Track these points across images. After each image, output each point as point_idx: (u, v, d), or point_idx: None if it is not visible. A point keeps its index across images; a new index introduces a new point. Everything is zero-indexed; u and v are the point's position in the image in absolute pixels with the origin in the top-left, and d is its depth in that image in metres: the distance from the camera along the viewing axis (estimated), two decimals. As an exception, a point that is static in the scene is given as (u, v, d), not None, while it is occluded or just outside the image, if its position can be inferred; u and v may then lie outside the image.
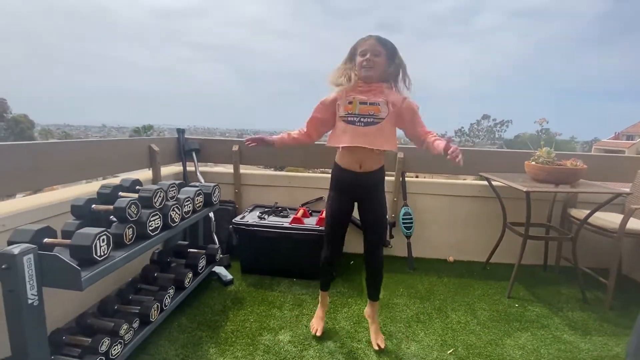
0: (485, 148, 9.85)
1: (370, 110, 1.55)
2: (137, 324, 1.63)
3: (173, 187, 1.86)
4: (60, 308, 1.70)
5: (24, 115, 36.71)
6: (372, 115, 1.55)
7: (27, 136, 34.61)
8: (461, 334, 1.93)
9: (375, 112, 1.54)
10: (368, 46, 1.54)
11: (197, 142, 2.91)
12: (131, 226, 1.51)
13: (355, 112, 1.56)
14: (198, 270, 2.18)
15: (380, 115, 1.54)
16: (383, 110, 1.54)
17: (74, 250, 1.29)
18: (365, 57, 1.54)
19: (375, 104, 1.55)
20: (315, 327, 1.87)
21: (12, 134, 33.57)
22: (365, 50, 1.55)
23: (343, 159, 1.65)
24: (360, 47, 1.56)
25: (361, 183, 1.65)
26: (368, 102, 1.55)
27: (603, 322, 2.08)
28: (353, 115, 1.56)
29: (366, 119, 1.55)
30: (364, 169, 1.62)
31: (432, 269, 2.74)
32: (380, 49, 1.54)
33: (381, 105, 1.54)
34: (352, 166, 1.62)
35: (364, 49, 1.55)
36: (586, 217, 2.25)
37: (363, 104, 1.55)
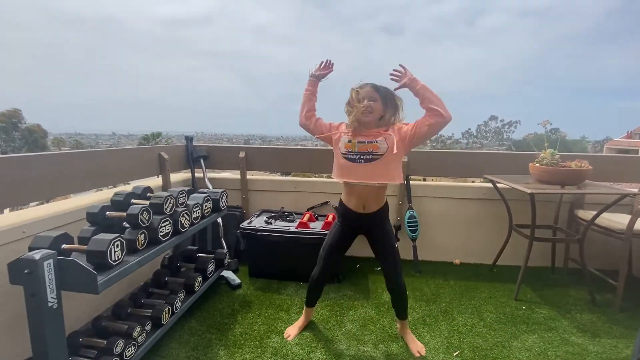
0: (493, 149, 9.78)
1: (368, 148, 1.61)
2: (149, 327, 1.68)
3: (182, 193, 1.92)
4: (77, 311, 1.77)
5: (37, 125, 37.66)
6: (370, 153, 1.61)
7: (40, 145, 35.48)
8: (467, 336, 1.94)
9: (374, 149, 1.60)
10: (364, 94, 1.63)
11: (205, 149, 2.99)
12: (143, 232, 1.57)
13: (354, 150, 1.63)
14: (207, 275, 2.23)
15: (379, 152, 1.60)
16: (382, 147, 1.60)
17: (90, 256, 1.35)
18: (363, 104, 1.62)
19: (373, 142, 1.61)
20: (289, 332, 1.92)
21: (27, 143, 34.45)
22: (362, 98, 1.63)
23: (347, 197, 1.74)
24: (358, 95, 1.65)
25: (365, 222, 1.74)
26: (366, 141, 1.62)
27: (612, 324, 2.07)
28: (353, 153, 1.63)
29: (365, 156, 1.61)
30: (368, 210, 1.70)
31: (438, 271, 2.75)
32: (375, 95, 1.63)
33: (379, 142, 1.60)
34: (357, 207, 1.71)
35: (360, 97, 1.64)
36: (593, 218, 2.24)
37: (361, 143, 1.63)
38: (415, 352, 1.79)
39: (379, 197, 1.71)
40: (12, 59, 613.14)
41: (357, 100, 1.64)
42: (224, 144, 3.54)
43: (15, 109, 35.99)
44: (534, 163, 2.35)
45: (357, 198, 1.70)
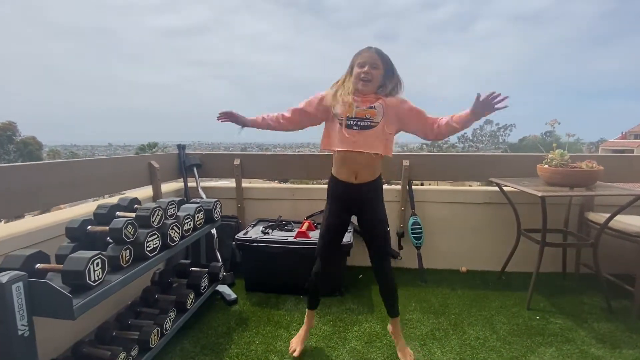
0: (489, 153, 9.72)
1: (366, 114, 1.52)
2: (136, 351, 1.54)
3: (172, 204, 1.80)
4: (56, 337, 1.62)
5: (33, 137, 37.41)
6: (368, 119, 1.52)
7: (35, 157, 35.16)
8: (480, 351, 1.81)
9: (372, 115, 1.52)
10: (367, 58, 1.53)
11: (198, 157, 2.87)
12: (128, 247, 1.44)
13: (352, 115, 1.53)
14: (200, 290, 2.09)
15: (376, 119, 1.53)
16: (379, 113, 1.53)
17: (66, 276, 1.22)
18: (363, 69, 1.52)
19: (372, 107, 1.53)
20: (294, 347, 1.77)
21: (22, 155, 34.16)
22: (363, 63, 1.53)
23: (339, 169, 1.63)
24: (358, 59, 1.55)
25: (358, 195, 1.61)
26: (364, 107, 1.53)
27: (632, 333, 1.94)
28: (350, 118, 1.53)
29: (363, 122, 1.52)
30: (360, 180, 1.59)
31: (444, 280, 2.62)
32: (379, 63, 1.53)
33: (377, 108, 1.53)
34: (349, 178, 1.59)
35: (362, 61, 1.54)
36: (607, 221, 2.13)
37: (359, 109, 1.53)
38: None
39: (373, 167, 1.59)
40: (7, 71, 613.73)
41: (358, 65, 1.53)
42: (218, 152, 3.43)
43: (10, 122, 35.72)
44: (542, 164, 2.25)
45: (349, 168, 1.58)
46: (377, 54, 1.53)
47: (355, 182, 1.59)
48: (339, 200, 1.65)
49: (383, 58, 1.54)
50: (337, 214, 1.66)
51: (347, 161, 1.58)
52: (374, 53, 1.53)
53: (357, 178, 1.58)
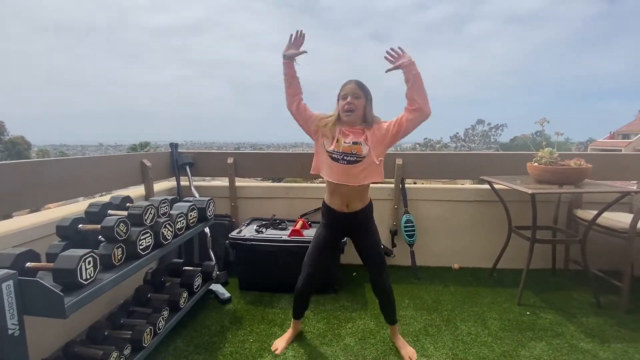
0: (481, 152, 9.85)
1: (353, 150, 1.59)
2: (128, 351, 1.52)
3: (165, 203, 1.79)
4: (48, 336, 1.60)
5: (21, 137, 36.72)
6: (354, 155, 1.59)
7: (24, 157, 34.50)
8: (472, 346, 1.83)
9: (358, 151, 1.59)
10: (348, 90, 1.61)
11: (191, 156, 2.85)
12: (120, 246, 1.43)
13: (339, 150, 1.60)
14: (194, 290, 2.08)
15: (362, 154, 1.58)
16: (364, 149, 1.59)
17: (57, 275, 1.20)
18: (346, 101, 1.60)
19: (358, 143, 1.59)
20: (277, 346, 1.82)
21: (9, 155, 33.48)
22: (345, 95, 1.62)
23: (331, 197, 1.70)
24: (342, 92, 1.64)
25: (351, 222, 1.70)
26: (351, 142, 1.60)
27: (620, 327, 1.99)
28: (337, 153, 1.60)
29: (349, 157, 1.59)
30: (351, 209, 1.67)
31: (437, 277, 2.65)
32: (359, 92, 1.61)
33: (362, 145, 1.59)
34: (341, 207, 1.67)
35: (344, 93, 1.62)
36: (595, 218, 2.17)
37: (346, 144, 1.60)
38: (406, 357, 1.73)
39: (362, 196, 1.68)
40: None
41: (342, 97, 1.62)
42: (211, 150, 3.41)
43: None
44: (532, 162, 2.29)
45: (340, 197, 1.66)
46: (357, 85, 1.61)
47: (347, 212, 1.67)
48: (332, 227, 1.74)
49: (363, 88, 1.62)
50: (329, 236, 1.75)
51: (336, 191, 1.66)
52: (354, 84, 1.62)
53: (349, 207, 1.66)
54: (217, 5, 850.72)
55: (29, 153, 36.91)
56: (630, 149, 28.40)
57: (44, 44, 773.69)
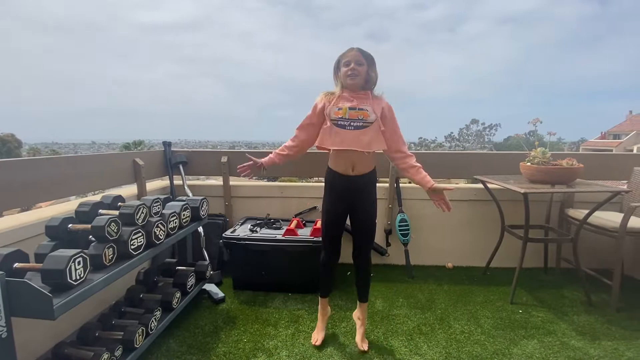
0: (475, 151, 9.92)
1: (359, 115, 1.62)
2: (119, 352, 1.50)
3: (157, 202, 1.77)
4: (38, 338, 1.58)
5: (11, 135, 36.14)
6: (361, 120, 1.62)
7: (14, 155, 33.96)
8: (466, 344, 1.84)
9: (364, 117, 1.62)
10: (351, 57, 1.63)
11: (185, 155, 2.82)
12: (111, 246, 1.41)
13: (345, 116, 1.62)
14: (187, 289, 2.06)
15: (369, 119, 1.62)
16: (371, 115, 1.62)
17: (46, 275, 1.18)
18: (349, 67, 1.63)
19: (364, 109, 1.63)
20: (316, 338, 1.85)
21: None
22: (348, 61, 1.63)
23: (336, 162, 1.70)
24: (344, 59, 1.65)
25: (354, 186, 1.69)
26: (357, 107, 1.62)
27: (611, 325, 2.01)
28: (343, 119, 1.62)
29: (356, 122, 1.62)
30: (357, 172, 1.67)
31: (431, 276, 2.66)
32: (362, 59, 1.64)
33: (369, 111, 1.62)
34: (346, 170, 1.67)
35: (347, 60, 1.64)
36: (586, 217, 2.20)
37: (352, 110, 1.62)
38: (360, 347, 1.78)
39: (368, 160, 1.68)
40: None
41: (344, 64, 1.64)
42: (205, 149, 3.37)
43: (-13, 119, 34.46)
44: (525, 162, 2.30)
45: (346, 161, 1.66)
46: (359, 52, 1.64)
47: (352, 174, 1.67)
48: (337, 192, 1.72)
49: (366, 55, 1.65)
50: (336, 204, 1.73)
51: (342, 156, 1.67)
52: (357, 51, 1.64)
53: (354, 170, 1.67)
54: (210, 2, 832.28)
55: (19, 151, 36.34)
56: (621, 149, 28.84)
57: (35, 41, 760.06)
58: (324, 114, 1.68)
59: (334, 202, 1.73)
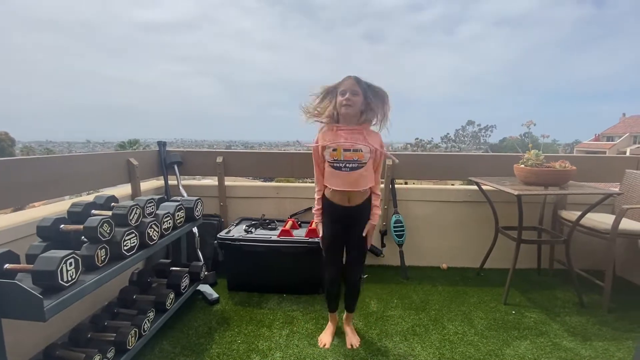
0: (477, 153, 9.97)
1: (354, 157, 1.63)
2: (112, 354, 1.49)
3: (151, 202, 1.76)
4: (28, 339, 1.56)
5: (5, 133, 35.73)
6: (356, 161, 1.63)
7: (7, 154, 33.57)
8: (459, 345, 1.85)
9: (359, 158, 1.63)
10: (347, 86, 1.63)
11: (179, 155, 2.81)
12: (104, 247, 1.40)
13: (340, 159, 1.64)
14: (181, 290, 2.05)
15: (364, 160, 1.64)
16: (366, 156, 1.64)
17: (37, 276, 1.17)
18: (345, 97, 1.61)
19: (358, 150, 1.63)
20: (324, 342, 1.86)
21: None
22: (344, 91, 1.62)
23: (332, 195, 1.73)
24: (340, 87, 1.64)
25: (350, 214, 1.73)
26: (352, 149, 1.63)
27: (602, 326, 2.04)
28: (339, 162, 1.64)
29: (351, 164, 1.63)
30: (352, 204, 1.71)
31: (426, 277, 2.67)
32: (357, 89, 1.62)
33: (364, 151, 1.63)
34: (342, 202, 1.71)
35: (343, 89, 1.63)
36: (578, 219, 2.22)
37: (347, 151, 1.63)
38: (349, 345, 1.83)
39: (363, 194, 1.73)
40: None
41: (340, 93, 1.63)
42: (200, 149, 3.36)
43: (-21, 117, 33.99)
44: (518, 164, 2.32)
45: (342, 196, 1.70)
46: (355, 81, 1.63)
47: (348, 205, 1.71)
48: (333, 218, 1.76)
49: (361, 85, 1.63)
50: (334, 226, 1.76)
51: (339, 193, 1.70)
52: (352, 80, 1.63)
53: (350, 202, 1.71)
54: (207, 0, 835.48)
55: (13, 150, 35.93)
56: (614, 152, 29.15)
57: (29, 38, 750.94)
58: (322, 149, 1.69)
59: (332, 226, 1.76)
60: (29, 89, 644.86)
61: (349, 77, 1.64)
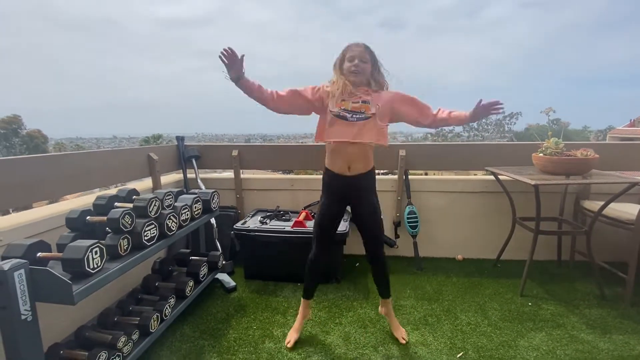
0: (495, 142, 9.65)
1: (361, 108, 1.59)
2: (136, 336, 1.60)
3: (169, 195, 1.84)
4: (62, 322, 1.70)
5: (38, 131, 37.67)
6: (362, 112, 1.59)
7: (41, 150, 35.48)
8: (471, 336, 1.85)
9: (365, 109, 1.59)
10: (356, 53, 1.59)
11: (197, 149, 2.90)
12: (126, 237, 1.49)
13: (347, 108, 1.59)
14: (200, 278, 2.15)
15: (369, 112, 1.59)
16: (372, 108, 1.60)
17: (66, 264, 1.27)
18: (353, 63, 1.59)
19: (366, 102, 1.60)
20: (289, 339, 1.80)
21: (27, 149, 34.49)
22: (352, 56, 1.60)
23: (332, 160, 1.67)
24: (349, 53, 1.61)
25: (352, 187, 1.66)
26: (360, 100, 1.60)
27: (623, 319, 1.97)
28: (345, 111, 1.59)
29: (357, 115, 1.59)
30: (353, 172, 1.63)
31: (440, 268, 2.66)
32: (367, 57, 1.60)
33: (371, 103, 1.60)
34: (342, 170, 1.64)
35: (351, 55, 1.60)
36: (600, 209, 2.14)
37: (355, 103, 1.60)
38: (401, 339, 1.79)
39: (365, 158, 1.64)
40: (11, 64, 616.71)
41: (348, 59, 1.60)
42: (216, 143, 3.46)
43: (15, 115, 35.95)
44: (537, 153, 2.25)
45: (343, 159, 1.62)
46: (365, 49, 1.60)
47: (349, 174, 1.63)
48: (334, 193, 1.70)
49: (370, 53, 1.61)
50: (332, 205, 1.71)
51: (340, 152, 1.63)
52: (362, 48, 1.60)
53: (351, 170, 1.63)
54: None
55: (46, 146, 37.90)
56: (652, 137, 27.33)
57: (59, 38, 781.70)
58: (320, 100, 1.64)
59: (330, 202, 1.70)
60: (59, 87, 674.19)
61: (358, 44, 1.60)
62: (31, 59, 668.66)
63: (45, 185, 1.76)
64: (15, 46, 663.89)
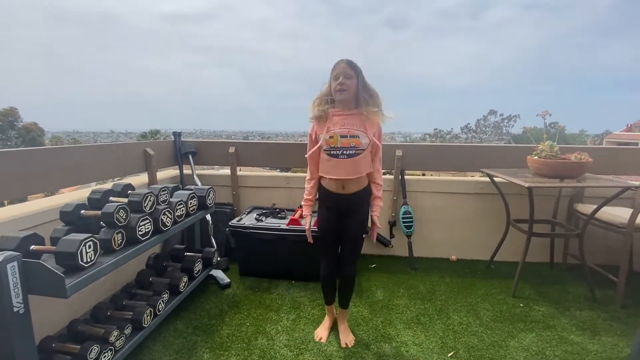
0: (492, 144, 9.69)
1: (351, 143, 1.59)
2: (129, 330, 1.61)
3: (165, 190, 1.84)
4: (54, 315, 1.70)
5: (34, 124, 37.40)
6: (353, 147, 1.59)
7: (37, 144, 35.23)
8: (463, 335, 1.87)
9: (356, 144, 1.59)
10: (340, 70, 1.59)
11: (194, 145, 2.90)
12: (120, 231, 1.49)
13: (337, 145, 1.60)
14: (194, 274, 2.16)
15: (361, 147, 1.59)
16: (363, 142, 1.59)
17: (59, 257, 1.27)
18: (338, 81, 1.59)
19: (355, 136, 1.59)
20: (320, 335, 1.84)
21: (24, 142, 34.24)
22: (337, 75, 1.60)
23: (329, 185, 1.70)
24: (334, 72, 1.61)
25: (346, 203, 1.69)
26: (348, 135, 1.59)
27: (613, 321, 2.00)
28: (335, 149, 1.60)
29: (348, 151, 1.59)
30: (348, 191, 1.67)
31: (434, 268, 2.68)
32: (350, 72, 1.58)
33: (361, 137, 1.59)
34: (337, 189, 1.68)
35: (336, 73, 1.60)
36: (593, 213, 2.16)
37: (344, 138, 1.59)
38: (343, 344, 1.78)
39: (360, 181, 1.68)
40: (9, 57, 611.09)
41: (333, 78, 1.61)
42: (213, 139, 3.45)
43: (12, 108, 35.65)
44: (532, 156, 2.27)
45: (337, 184, 1.67)
46: (347, 65, 1.59)
47: (344, 192, 1.67)
48: (329, 209, 1.73)
49: (354, 67, 1.59)
50: (330, 219, 1.73)
51: (334, 180, 1.67)
52: (344, 64, 1.59)
53: (345, 189, 1.67)
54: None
55: (42, 139, 37.64)
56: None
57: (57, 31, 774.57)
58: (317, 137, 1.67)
59: (327, 217, 1.72)
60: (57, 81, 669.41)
61: (341, 61, 1.60)
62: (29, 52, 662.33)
63: (41, 178, 1.76)
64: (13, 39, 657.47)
